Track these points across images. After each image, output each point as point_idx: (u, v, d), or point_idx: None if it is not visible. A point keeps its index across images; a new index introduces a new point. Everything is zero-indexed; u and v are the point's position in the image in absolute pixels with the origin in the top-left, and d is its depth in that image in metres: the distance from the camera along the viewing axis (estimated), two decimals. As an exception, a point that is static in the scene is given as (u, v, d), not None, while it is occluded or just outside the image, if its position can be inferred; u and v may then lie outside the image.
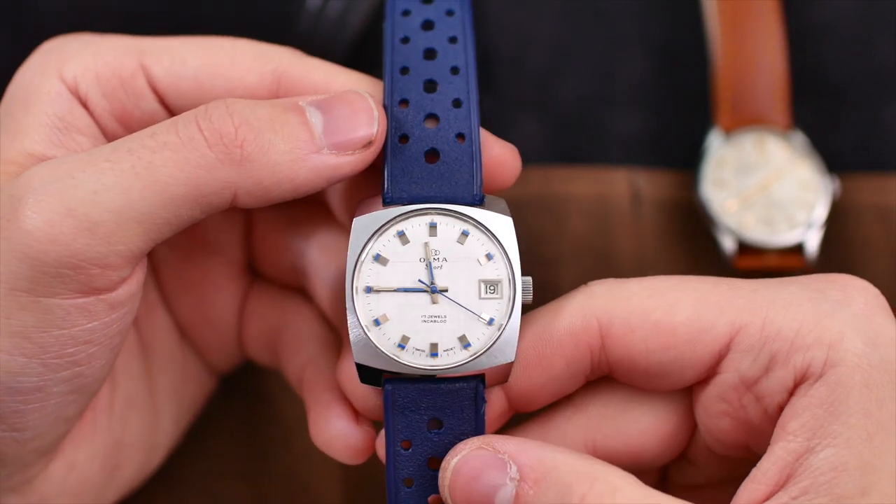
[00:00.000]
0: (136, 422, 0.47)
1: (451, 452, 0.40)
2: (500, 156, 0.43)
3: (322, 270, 0.46)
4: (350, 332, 0.40)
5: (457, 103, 0.42)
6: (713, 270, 0.54)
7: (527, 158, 0.49)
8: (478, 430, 0.41)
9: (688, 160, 0.55)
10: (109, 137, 0.43)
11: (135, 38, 0.43)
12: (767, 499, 0.38)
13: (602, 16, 0.57)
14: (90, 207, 0.38)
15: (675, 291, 0.41)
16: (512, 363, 0.41)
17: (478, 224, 0.41)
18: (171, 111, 0.43)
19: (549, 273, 0.54)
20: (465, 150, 0.42)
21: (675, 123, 0.56)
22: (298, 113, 0.40)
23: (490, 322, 0.41)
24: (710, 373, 0.41)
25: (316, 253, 0.47)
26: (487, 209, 0.41)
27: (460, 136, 0.42)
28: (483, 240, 0.41)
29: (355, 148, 0.40)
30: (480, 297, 0.41)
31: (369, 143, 0.41)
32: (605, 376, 0.43)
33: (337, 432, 0.44)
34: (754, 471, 0.39)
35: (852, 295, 0.40)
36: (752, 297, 0.41)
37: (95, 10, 0.55)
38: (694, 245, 0.55)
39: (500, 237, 0.41)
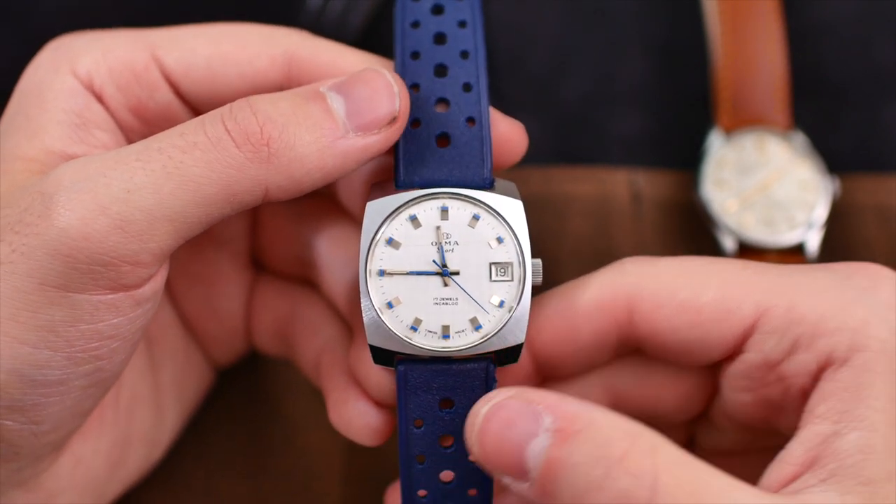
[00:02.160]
0: (140, 416, 0.47)
1: (480, 401, 0.39)
2: (507, 132, 0.44)
3: (332, 261, 0.47)
4: (364, 315, 0.41)
5: (467, 87, 0.43)
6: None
7: (527, 158, 0.50)
8: None
9: (688, 160, 0.56)
10: (126, 131, 0.44)
11: (143, 31, 0.44)
12: (795, 479, 0.39)
13: (602, 16, 0.57)
14: (123, 206, 0.38)
15: (703, 272, 0.42)
16: (522, 344, 0.42)
17: (488, 208, 0.42)
18: (186, 101, 0.44)
19: (549, 273, 0.54)
20: (476, 134, 0.42)
21: (675, 123, 0.57)
22: (320, 101, 0.41)
23: (501, 304, 0.42)
24: (735, 351, 0.42)
25: (324, 244, 0.47)
26: (498, 193, 0.42)
27: (470, 120, 0.43)
28: (494, 223, 0.42)
29: (380, 126, 0.41)
30: (491, 280, 0.42)
31: (393, 120, 0.41)
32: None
33: (356, 414, 0.45)
34: (783, 452, 0.40)
35: (879, 283, 0.41)
36: (778, 281, 0.41)
37: (95, 9, 0.55)
38: (694, 245, 0.55)
39: (510, 221, 0.42)
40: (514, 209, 0.42)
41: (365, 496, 0.52)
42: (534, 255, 0.42)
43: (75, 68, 0.43)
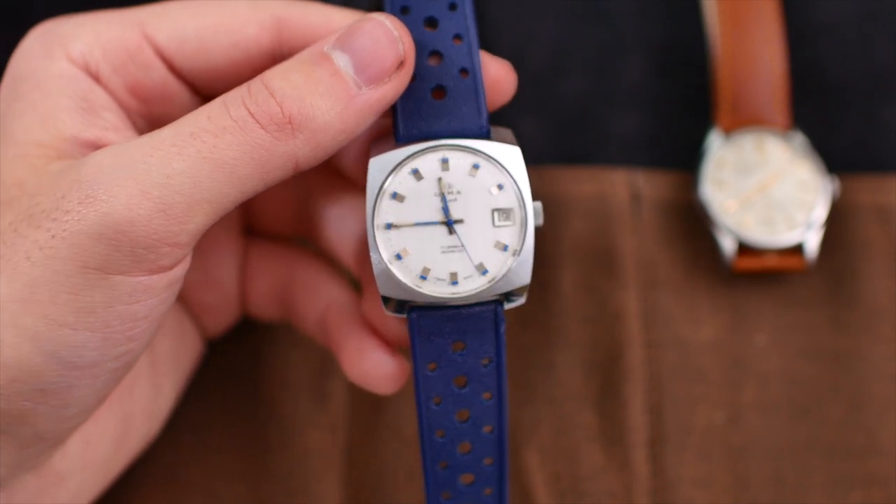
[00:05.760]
0: (140, 391, 0.48)
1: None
2: (496, 74, 0.45)
3: (334, 217, 0.48)
4: (374, 268, 0.42)
5: (458, 38, 0.44)
6: (713, 271, 0.55)
7: (527, 159, 0.50)
8: (499, 348, 0.43)
9: (687, 160, 0.56)
10: (126, 111, 0.45)
11: (129, 10, 0.45)
12: None
13: (602, 16, 0.57)
14: (164, 191, 0.40)
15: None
16: (528, 285, 0.43)
17: (487, 156, 0.43)
18: (181, 76, 0.45)
19: (548, 273, 0.54)
20: (469, 84, 0.43)
21: (674, 123, 0.57)
22: (326, 64, 0.42)
23: (505, 248, 0.43)
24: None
25: (324, 201, 0.48)
26: (495, 140, 0.43)
27: (463, 70, 0.44)
28: (493, 171, 0.43)
29: (390, 74, 0.42)
30: (495, 225, 0.43)
31: (401, 64, 0.42)
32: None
33: (373, 363, 0.46)
34: None
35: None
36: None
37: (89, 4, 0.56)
38: (693, 245, 0.55)
39: (508, 167, 0.43)
40: (512, 155, 0.43)
41: (364, 497, 0.52)
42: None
43: (70, 53, 0.43)
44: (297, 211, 0.50)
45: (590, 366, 0.54)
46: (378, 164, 0.42)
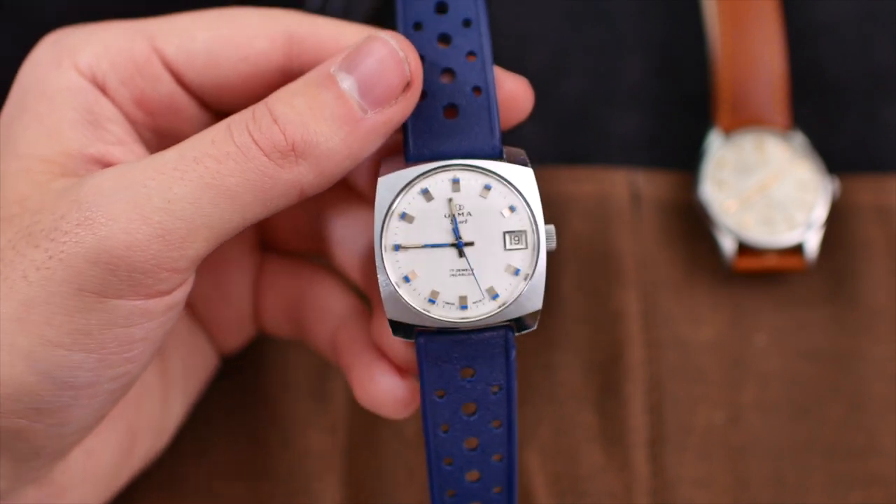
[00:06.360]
0: (147, 406, 0.48)
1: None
2: (512, 90, 0.44)
3: (344, 235, 0.48)
4: (381, 290, 0.42)
5: (471, 55, 0.43)
6: (713, 271, 0.55)
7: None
8: (509, 375, 0.43)
9: (687, 160, 0.56)
10: (132, 124, 0.44)
11: (139, 22, 0.44)
12: None
13: (602, 16, 0.57)
14: (164, 216, 0.39)
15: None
16: (539, 311, 0.42)
17: (500, 178, 0.42)
18: (189, 89, 0.44)
19: (548, 274, 0.54)
20: (482, 103, 0.43)
21: (674, 123, 0.57)
22: (332, 87, 0.41)
23: (516, 272, 0.42)
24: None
25: (334, 218, 0.48)
26: (508, 161, 0.42)
27: (476, 89, 0.43)
28: (505, 192, 0.42)
29: (396, 96, 0.41)
30: (506, 249, 0.42)
31: (407, 86, 0.41)
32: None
33: (383, 388, 0.45)
34: None
35: None
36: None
37: (97, 12, 0.56)
38: (693, 246, 0.55)
39: (521, 189, 0.42)
40: (524, 177, 0.42)
41: (364, 497, 0.52)
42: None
43: (77, 64, 0.43)
44: (310, 227, 0.50)
45: (590, 366, 0.54)
46: (387, 184, 0.42)
